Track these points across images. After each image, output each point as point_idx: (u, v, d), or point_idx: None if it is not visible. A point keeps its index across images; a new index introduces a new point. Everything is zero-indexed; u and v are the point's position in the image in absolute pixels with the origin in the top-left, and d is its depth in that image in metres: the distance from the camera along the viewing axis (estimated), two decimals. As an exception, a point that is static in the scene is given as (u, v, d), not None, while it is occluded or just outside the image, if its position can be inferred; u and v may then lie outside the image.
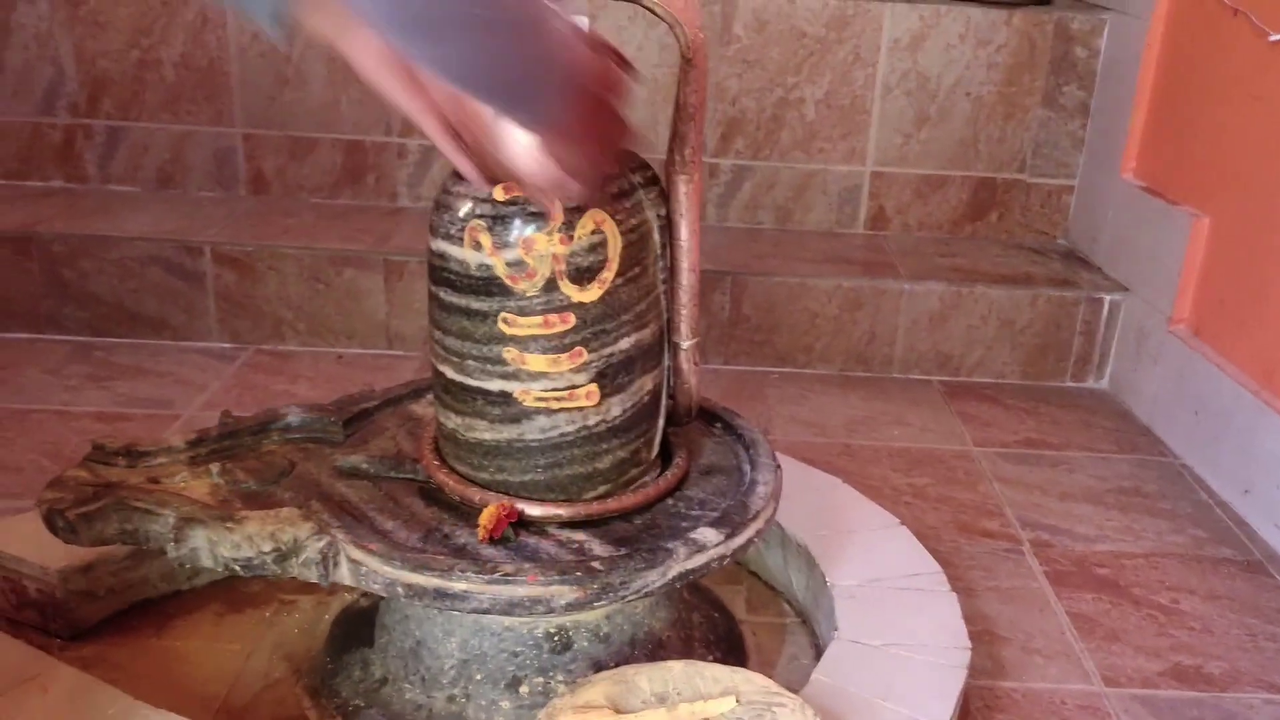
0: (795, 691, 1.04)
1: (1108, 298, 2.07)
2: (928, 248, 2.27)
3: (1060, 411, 2.00)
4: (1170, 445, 1.87)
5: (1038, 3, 2.26)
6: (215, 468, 1.14)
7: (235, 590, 1.36)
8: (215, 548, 1.04)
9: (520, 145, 0.82)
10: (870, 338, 2.10)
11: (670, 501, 1.15)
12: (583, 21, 0.86)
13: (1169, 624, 1.42)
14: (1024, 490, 1.72)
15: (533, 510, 1.08)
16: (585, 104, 0.79)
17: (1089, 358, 2.10)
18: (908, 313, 2.08)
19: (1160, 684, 1.31)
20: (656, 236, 1.08)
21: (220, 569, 1.06)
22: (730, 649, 1.28)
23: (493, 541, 1.05)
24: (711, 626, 1.30)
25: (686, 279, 1.12)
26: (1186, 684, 1.31)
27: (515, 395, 1.05)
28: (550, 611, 1.01)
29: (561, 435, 1.07)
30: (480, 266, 1.02)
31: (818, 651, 1.28)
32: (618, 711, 0.99)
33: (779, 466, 1.21)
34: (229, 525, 1.04)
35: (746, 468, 1.22)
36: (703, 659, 1.17)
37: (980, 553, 1.55)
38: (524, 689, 1.11)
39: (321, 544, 1.03)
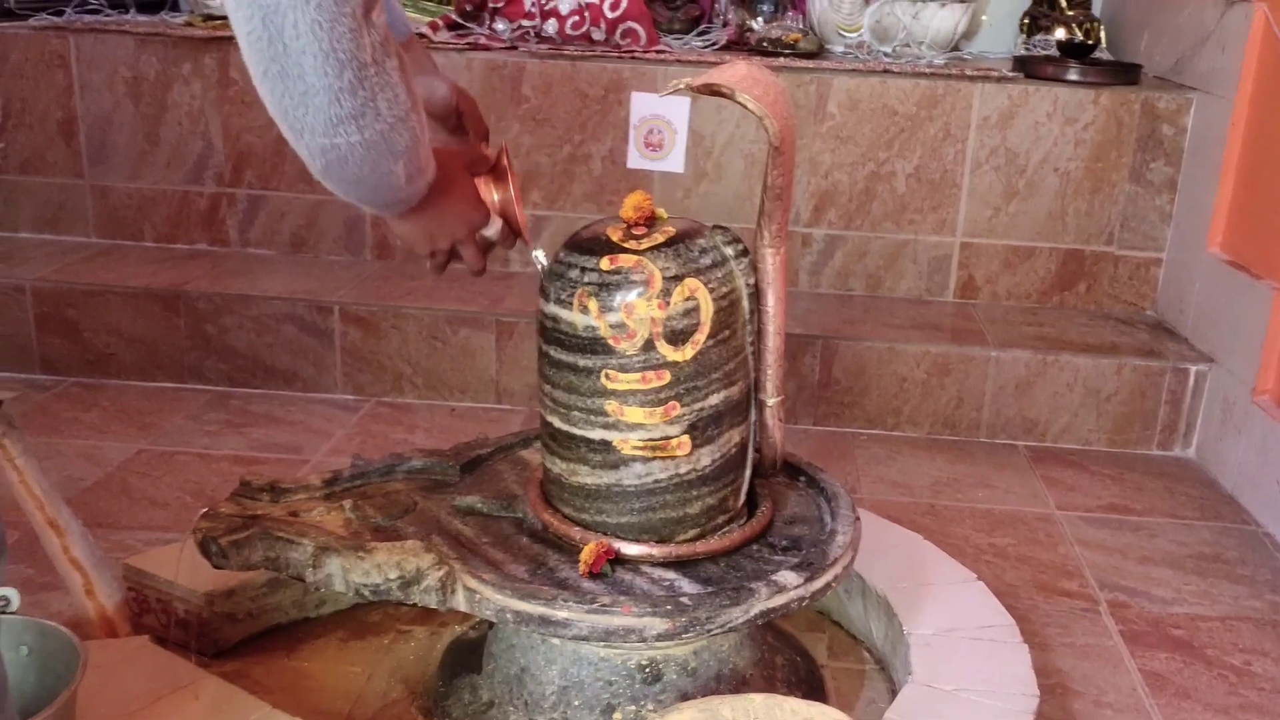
0: (867, 725, 1.12)
1: (1193, 368, 2.11)
2: (1016, 316, 2.34)
3: (1145, 479, 2.04)
4: (1254, 514, 1.90)
5: (1125, 83, 2.34)
6: (348, 504, 1.28)
7: (357, 619, 1.50)
8: (348, 574, 1.17)
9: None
10: (958, 402, 2.17)
11: (755, 546, 1.25)
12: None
13: (1240, 684, 1.46)
14: (1104, 553, 1.77)
15: (628, 549, 1.19)
16: (442, 193, 1.08)
17: (1175, 426, 2.14)
18: (995, 379, 2.15)
19: (1228, 741, 1.35)
20: (746, 303, 1.20)
21: (351, 593, 1.19)
22: (811, 690, 1.36)
23: (592, 576, 1.17)
24: (794, 669, 1.39)
25: (772, 341, 1.23)
26: (1255, 742, 1.35)
27: (615, 444, 1.17)
28: (642, 641, 1.11)
29: (656, 481, 1.18)
30: (587, 328, 1.15)
31: (894, 696, 1.35)
32: (702, 735, 1.08)
33: (858, 518, 1.31)
34: (360, 554, 1.17)
35: (827, 518, 1.32)
36: (783, 696, 1.26)
37: (1057, 611, 1.61)
38: (617, 715, 1.22)
39: (441, 573, 1.15)
